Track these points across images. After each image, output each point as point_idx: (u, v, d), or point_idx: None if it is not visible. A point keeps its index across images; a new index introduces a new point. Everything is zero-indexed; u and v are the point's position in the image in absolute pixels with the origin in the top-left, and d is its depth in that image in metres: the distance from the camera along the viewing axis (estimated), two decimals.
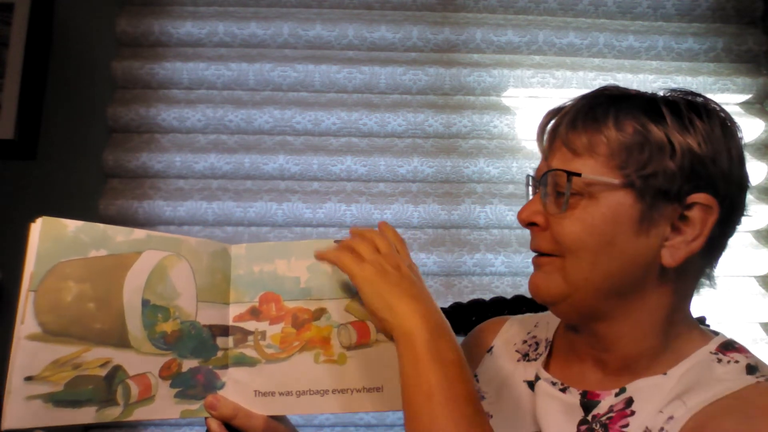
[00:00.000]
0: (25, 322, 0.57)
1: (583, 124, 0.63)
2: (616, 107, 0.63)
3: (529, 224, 0.67)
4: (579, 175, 0.61)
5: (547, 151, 0.67)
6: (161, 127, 1.42)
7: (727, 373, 0.60)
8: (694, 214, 0.60)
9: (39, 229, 0.59)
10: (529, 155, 1.43)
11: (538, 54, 1.48)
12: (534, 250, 0.67)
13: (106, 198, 1.39)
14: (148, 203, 1.39)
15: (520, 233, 1.43)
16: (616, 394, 0.64)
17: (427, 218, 1.41)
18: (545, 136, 0.68)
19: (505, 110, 1.45)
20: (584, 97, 0.67)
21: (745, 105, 1.48)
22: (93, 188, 1.41)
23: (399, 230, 1.38)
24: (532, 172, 0.73)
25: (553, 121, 0.67)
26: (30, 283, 0.58)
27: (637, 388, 0.63)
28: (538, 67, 1.46)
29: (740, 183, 0.63)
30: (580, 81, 1.45)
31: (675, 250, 0.61)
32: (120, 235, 0.64)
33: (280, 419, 0.70)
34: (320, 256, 0.70)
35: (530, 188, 0.73)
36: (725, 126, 0.63)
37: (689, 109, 0.62)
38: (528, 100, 1.47)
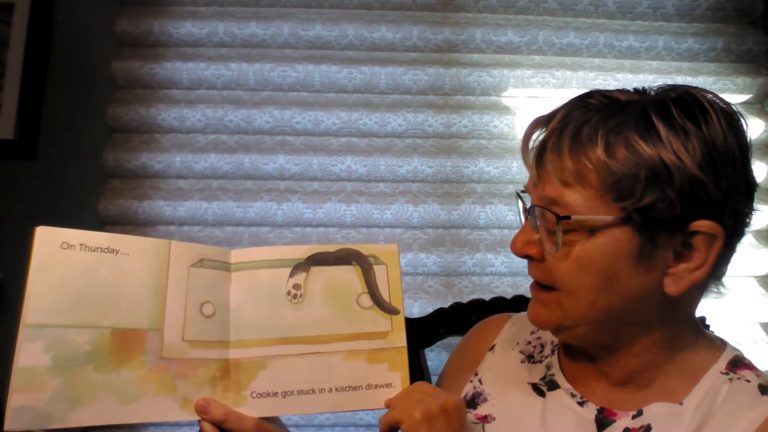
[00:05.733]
0: None
1: (569, 149, 0.58)
2: (605, 126, 0.57)
3: (524, 256, 0.63)
4: (569, 218, 0.57)
5: (536, 178, 0.61)
6: (161, 127, 1.42)
7: (743, 400, 0.60)
8: (698, 242, 0.57)
9: None
10: None
11: (538, 54, 1.47)
12: (533, 277, 0.65)
13: (106, 198, 1.39)
14: (148, 203, 1.38)
15: None
16: (633, 417, 0.63)
17: (427, 218, 1.41)
18: (532, 155, 0.62)
19: (505, 110, 1.45)
20: (570, 110, 0.60)
21: (745, 105, 1.48)
22: (93, 188, 1.41)
23: (399, 230, 1.42)
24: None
25: (540, 137, 0.62)
26: None
27: (654, 414, 0.62)
28: (538, 67, 1.46)
29: (748, 191, 0.59)
30: (580, 81, 1.45)
31: (678, 279, 0.58)
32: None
33: (272, 420, 0.69)
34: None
35: (520, 207, 0.67)
36: (730, 125, 0.57)
37: (686, 117, 0.56)
38: (528, 100, 1.47)
